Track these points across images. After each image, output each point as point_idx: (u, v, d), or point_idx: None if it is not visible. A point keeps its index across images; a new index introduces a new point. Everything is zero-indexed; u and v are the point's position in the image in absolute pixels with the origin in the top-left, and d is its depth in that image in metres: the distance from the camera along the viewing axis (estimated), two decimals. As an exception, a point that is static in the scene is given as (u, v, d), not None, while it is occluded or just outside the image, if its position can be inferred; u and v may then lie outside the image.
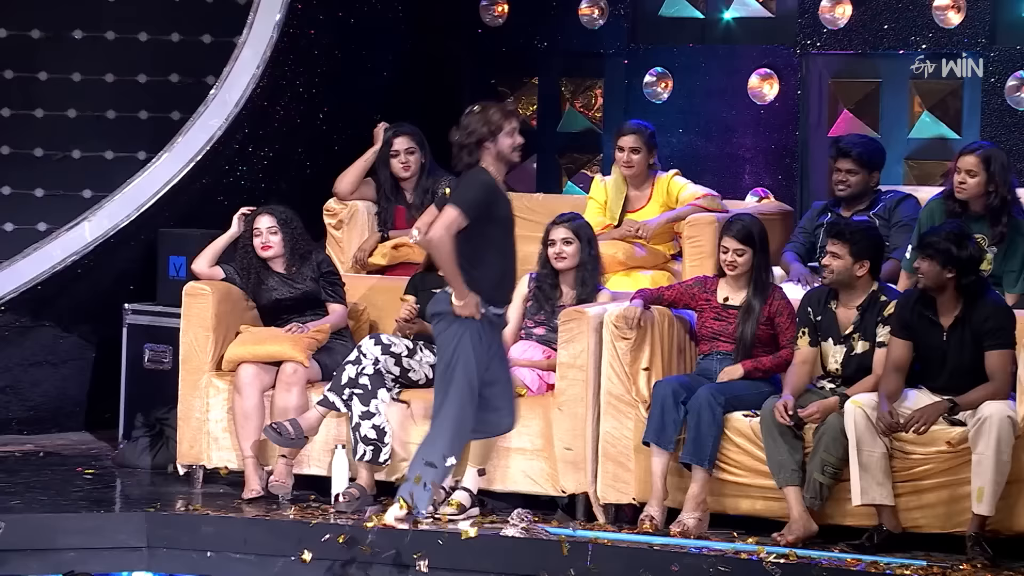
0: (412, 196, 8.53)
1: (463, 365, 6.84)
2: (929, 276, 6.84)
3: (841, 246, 7.03)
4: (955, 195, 7.46)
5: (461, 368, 6.83)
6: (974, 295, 6.86)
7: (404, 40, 9.46)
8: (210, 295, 7.87)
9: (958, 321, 6.88)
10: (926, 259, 6.84)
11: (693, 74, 9.22)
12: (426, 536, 6.97)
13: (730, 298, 7.31)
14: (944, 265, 6.81)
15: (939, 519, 6.84)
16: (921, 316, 6.92)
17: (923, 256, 6.85)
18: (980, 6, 8.65)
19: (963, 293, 6.85)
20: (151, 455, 8.24)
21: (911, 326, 6.93)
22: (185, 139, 8.82)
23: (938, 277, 6.83)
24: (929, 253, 6.83)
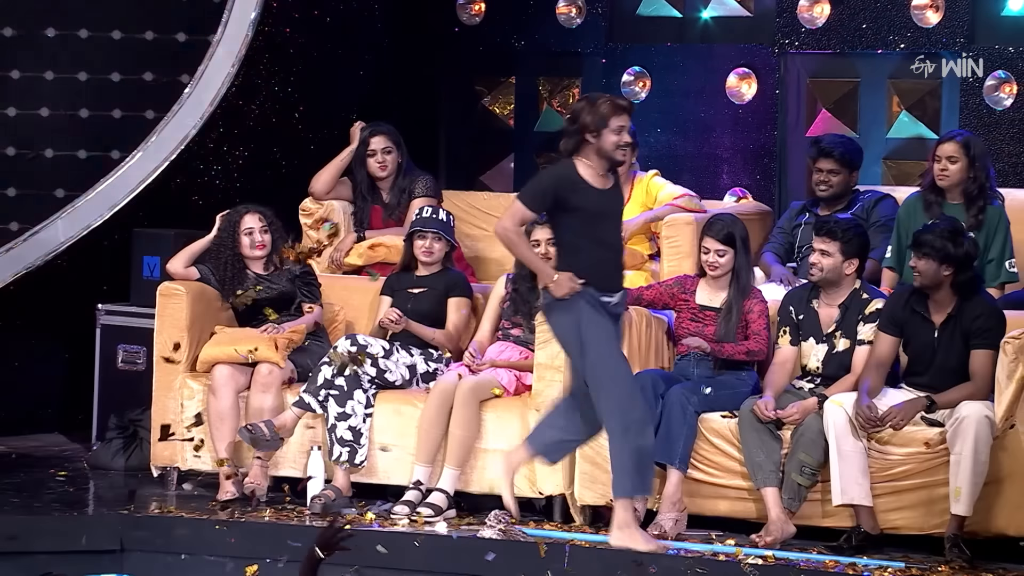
0: (388, 196, 8.49)
1: (593, 341, 6.52)
2: (926, 275, 6.84)
3: (831, 244, 7.03)
4: (936, 183, 7.48)
5: (592, 345, 6.52)
6: (968, 292, 6.87)
7: (381, 39, 9.43)
8: (184, 295, 7.82)
9: (950, 318, 6.89)
10: (923, 258, 6.84)
11: (671, 73, 9.20)
12: (402, 538, 6.93)
13: (710, 299, 7.28)
14: (941, 263, 6.82)
15: (917, 520, 6.83)
16: (914, 313, 6.92)
17: (919, 255, 6.85)
18: (959, 6, 8.64)
19: (958, 290, 6.85)
20: (125, 457, 8.20)
21: (902, 323, 6.93)
22: (159, 138, 8.78)
23: (935, 275, 6.83)
24: (926, 251, 6.83)
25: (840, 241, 7.04)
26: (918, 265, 6.86)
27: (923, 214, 7.57)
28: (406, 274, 7.83)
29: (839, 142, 8.00)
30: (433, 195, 8.45)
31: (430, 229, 7.76)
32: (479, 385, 7.44)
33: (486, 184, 9.66)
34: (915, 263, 6.88)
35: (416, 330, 7.64)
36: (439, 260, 7.79)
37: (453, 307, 7.74)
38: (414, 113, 9.47)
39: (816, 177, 7.95)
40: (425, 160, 8.97)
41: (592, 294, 6.55)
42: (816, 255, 7.07)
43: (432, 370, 7.67)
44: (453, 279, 7.80)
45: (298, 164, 8.89)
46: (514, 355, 7.57)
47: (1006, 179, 8.43)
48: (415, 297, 7.75)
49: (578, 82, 9.52)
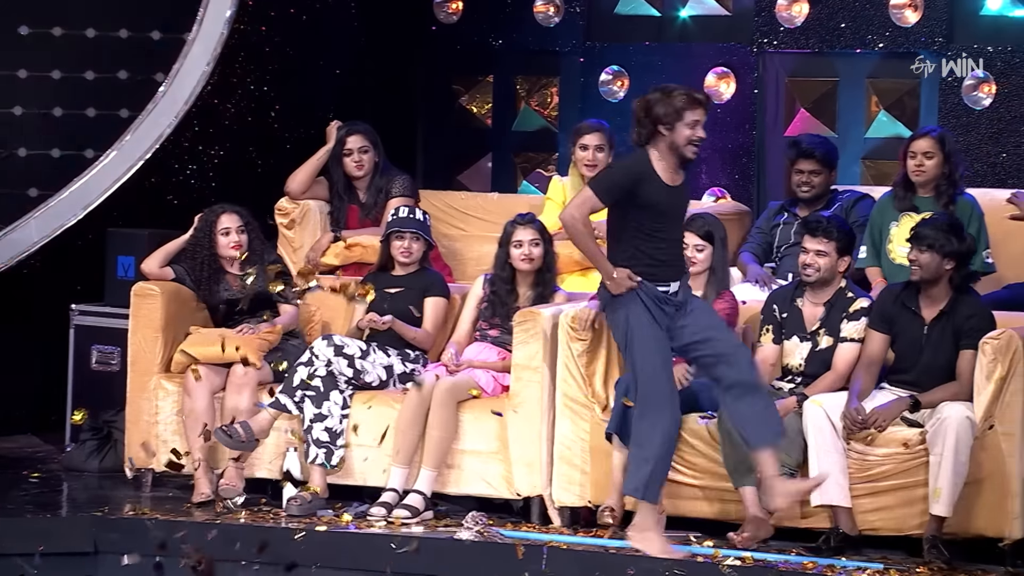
0: (365, 195, 8.46)
1: (637, 345, 6.51)
2: (928, 268, 6.84)
3: (828, 244, 7.05)
4: (912, 179, 7.51)
5: (636, 348, 6.51)
6: (963, 289, 6.88)
7: (357, 37, 9.40)
8: (159, 296, 7.79)
9: (942, 315, 6.89)
10: (926, 250, 6.83)
11: (649, 72, 9.18)
12: (379, 539, 6.90)
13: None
14: (944, 256, 6.82)
15: (896, 521, 6.82)
16: (904, 308, 6.92)
17: (921, 247, 6.84)
18: (937, 5, 8.65)
19: (954, 286, 6.86)
20: (99, 458, 8.15)
21: (891, 319, 6.92)
22: (134, 137, 8.73)
23: (938, 269, 6.84)
24: (929, 243, 6.83)
25: (836, 240, 7.06)
26: (919, 258, 6.85)
27: (894, 211, 7.59)
28: (383, 274, 7.80)
29: (818, 142, 8.01)
30: (410, 195, 8.42)
31: (408, 229, 7.73)
32: (456, 386, 7.41)
33: (463, 184, 9.64)
34: (916, 256, 6.86)
35: (399, 328, 7.61)
36: (417, 260, 7.77)
37: (430, 307, 7.71)
38: (391, 112, 9.44)
39: (797, 178, 7.93)
40: (402, 159, 8.94)
41: (648, 289, 6.52)
42: (811, 256, 7.06)
43: (409, 371, 7.64)
44: (431, 279, 7.77)
45: (274, 163, 8.85)
46: (492, 355, 7.54)
47: (984, 179, 8.44)
48: (392, 297, 7.72)
49: (556, 81, 9.50)
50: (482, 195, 8.97)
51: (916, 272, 6.88)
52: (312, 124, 8.78)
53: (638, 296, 6.51)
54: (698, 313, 6.65)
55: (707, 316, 6.69)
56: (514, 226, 7.61)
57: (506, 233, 7.62)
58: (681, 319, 6.61)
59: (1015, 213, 8.01)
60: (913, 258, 6.89)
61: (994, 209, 7.85)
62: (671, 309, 6.58)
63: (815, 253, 7.06)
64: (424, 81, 9.70)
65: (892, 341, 6.97)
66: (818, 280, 7.08)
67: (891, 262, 7.63)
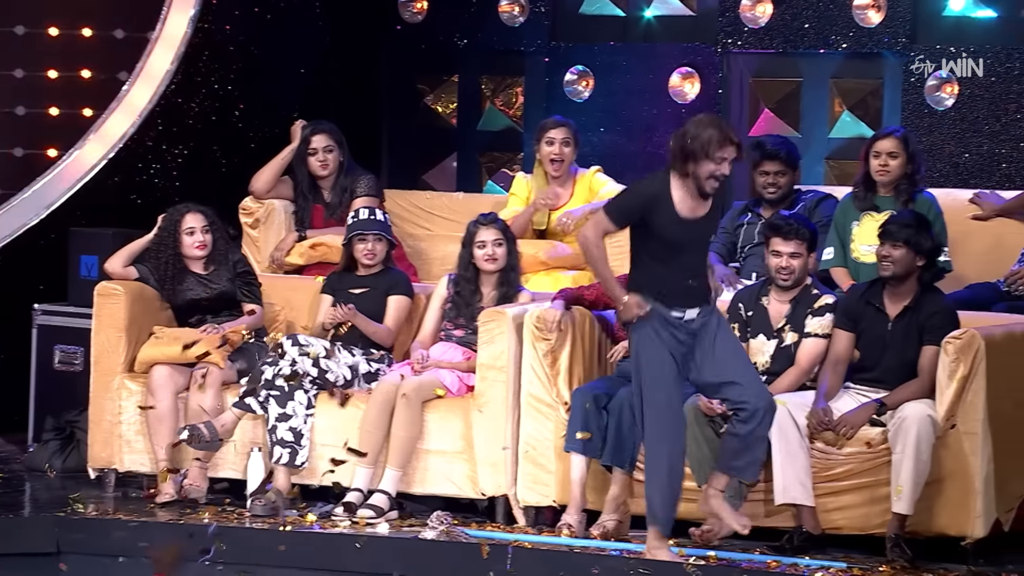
0: (330, 195, 8.45)
1: (643, 373, 6.42)
2: (901, 263, 6.86)
3: (800, 244, 7.07)
4: (875, 179, 7.55)
5: (643, 376, 6.43)
6: (929, 285, 6.93)
7: (322, 36, 9.38)
8: (123, 295, 7.75)
9: (906, 310, 6.92)
10: (901, 246, 6.85)
11: (614, 72, 9.20)
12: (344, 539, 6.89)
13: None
14: (917, 252, 6.85)
15: (859, 520, 6.85)
16: (868, 305, 6.95)
17: (894, 243, 6.86)
18: (900, 5, 8.69)
19: (922, 283, 6.89)
20: (62, 458, 8.11)
21: (856, 316, 6.95)
22: (97, 136, 8.72)
23: (910, 265, 6.87)
24: (904, 239, 6.85)
25: (807, 240, 7.09)
26: (893, 254, 6.87)
27: (855, 211, 7.62)
28: (347, 274, 7.79)
29: (781, 143, 8.03)
30: (375, 194, 8.41)
31: (371, 232, 7.71)
32: (422, 386, 7.40)
33: (428, 183, 9.63)
34: (889, 252, 6.88)
35: (361, 322, 7.60)
36: (381, 260, 7.76)
37: (392, 305, 7.71)
38: (356, 111, 9.42)
39: (763, 180, 7.95)
40: (367, 159, 8.93)
41: (661, 314, 6.41)
42: (785, 259, 7.06)
43: (374, 370, 7.63)
44: (394, 278, 7.77)
45: (238, 163, 8.83)
46: (457, 355, 7.54)
47: (947, 179, 8.48)
48: (356, 298, 7.71)
49: (521, 81, 9.50)
50: (447, 195, 8.97)
51: (888, 268, 6.90)
52: (276, 123, 8.77)
53: (648, 325, 6.42)
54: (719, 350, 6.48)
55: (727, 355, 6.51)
56: (477, 226, 7.61)
57: (469, 234, 7.62)
58: (699, 350, 6.48)
59: (977, 213, 8.06)
60: (886, 254, 6.90)
61: (957, 209, 7.89)
62: (684, 335, 6.46)
63: (789, 256, 7.07)
64: (389, 80, 9.69)
65: (857, 339, 7.00)
66: (794, 281, 7.10)
67: (855, 261, 7.66)
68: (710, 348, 6.50)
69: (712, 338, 6.51)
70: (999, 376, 6.77)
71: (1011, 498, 6.87)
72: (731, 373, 6.50)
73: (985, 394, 6.73)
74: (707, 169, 6.36)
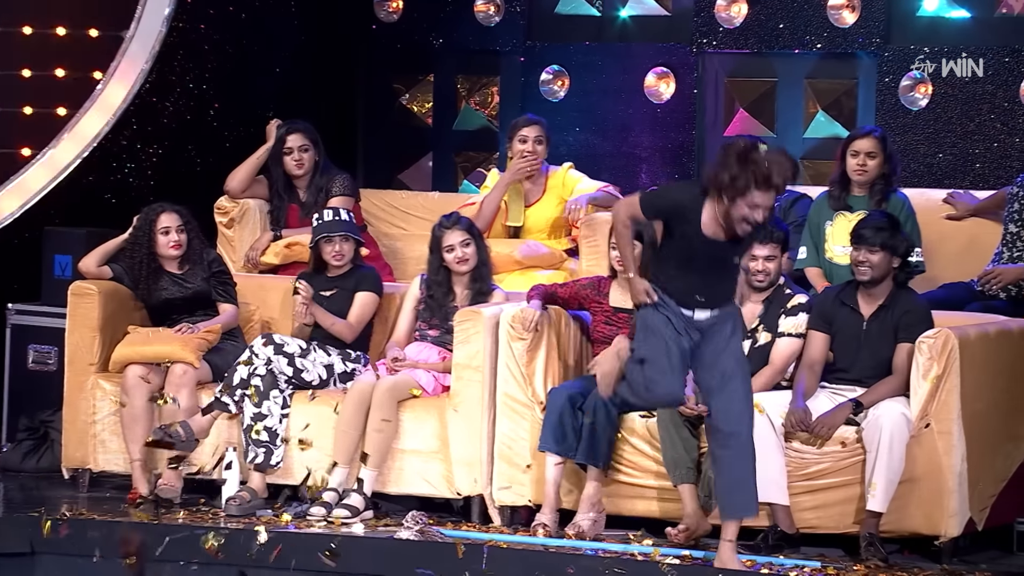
0: (305, 194, 8.44)
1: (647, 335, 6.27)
2: (879, 267, 6.89)
3: (775, 247, 7.09)
4: (852, 178, 7.58)
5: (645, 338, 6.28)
6: (903, 284, 6.96)
7: (297, 36, 9.37)
8: (97, 295, 7.74)
9: (881, 309, 6.95)
10: (878, 251, 6.88)
11: (590, 72, 9.21)
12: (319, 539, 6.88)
13: (623, 300, 7.28)
14: (893, 255, 6.89)
15: (833, 519, 6.86)
16: (843, 306, 6.97)
17: (871, 248, 6.88)
18: (875, 6, 8.71)
19: (897, 282, 6.92)
20: (35, 458, 8.09)
21: (831, 317, 6.97)
22: (71, 135, 8.68)
23: (887, 267, 6.90)
24: (879, 243, 6.87)
25: (781, 242, 7.12)
26: (871, 259, 6.89)
27: (829, 210, 7.65)
28: (317, 276, 7.77)
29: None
30: (350, 194, 8.41)
31: (337, 232, 7.69)
32: (397, 386, 7.40)
33: (404, 183, 9.63)
34: (866, 257, 6.90)
35: (319, 314, 7.58)
36: (349, 260, 7.74)
37: (357, 301, 7.68)
38: (331, 111, 9.42)
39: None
40: (342, 158, 8.92)
41: (669, 305, 6.29)
42: (761, 262, 7.07)
43: (350, 370, 7.62)
44: (362, 276, 7.76)
45: (213, 162, 8.81)
46: (433, 355, 7.54)
47: (920, 179, 8.51)
48: (327, 300, 7.70)
49: (497, 80, 9.50)
50: (423, 194, 8.97)
51: (866, 273, 6.92)
52: (252, 123, 8.75)
53: (656, 311, 6.32)
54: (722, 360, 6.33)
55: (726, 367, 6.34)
56: (442, 230, 7.60)
57: (435, 239, 7.60)
58: (707, 346, 6.36)
59: (951, 213, 8.08)
60: (863, 259, 6.92)
61: (931, 209, 7.92)
62: (691, 328, 6.33)
63: (765, 259, 7.09)
64: (364, 80, 9.68)
65: (832, 339, 7.02)
66: (770, 283, 7.12)
67: (828, 261, 7.68)
68: (714, 350, 6.35)
69: (721, 341, 6.34)
70: (973, 376, 6.80)
71: (984, 497, 6.89)
72: (722, 386, 6.39)
73: (959, 393, 6.75)
74: (740, 212, 6.05)
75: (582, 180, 8.30)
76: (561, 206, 8.28)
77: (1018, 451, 7.06)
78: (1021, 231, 7.76)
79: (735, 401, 6.38)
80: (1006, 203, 7.86)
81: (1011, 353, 7.06)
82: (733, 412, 6.38)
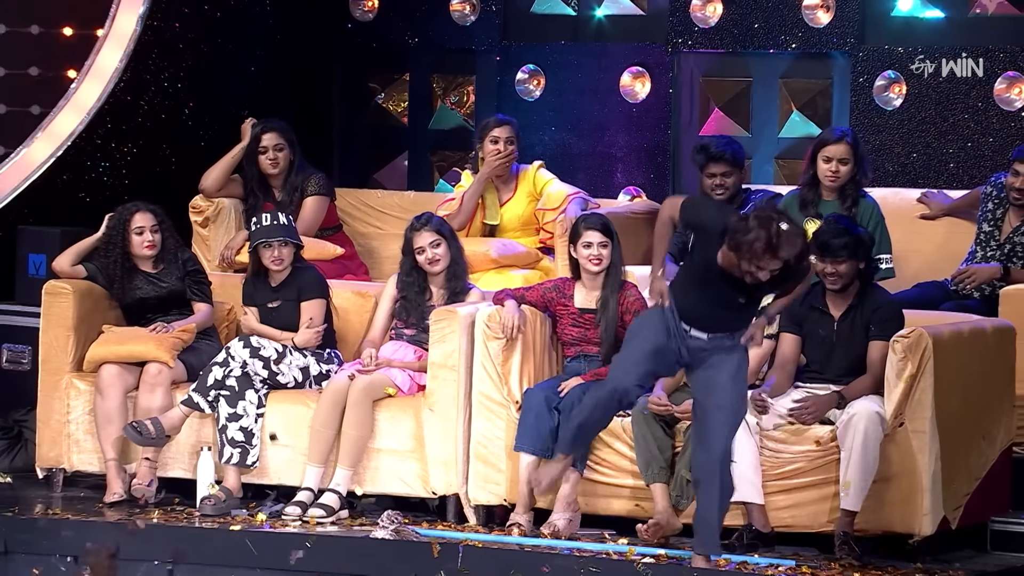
0: (280, 194, 8.43)
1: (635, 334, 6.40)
2: (848, 275, 6.92)
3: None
4: (824, 183, 7.59)
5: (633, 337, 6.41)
6: (868, 280, 6.97)
7: (272, 34, 9.36)
8: (71, 294, 7.72)
9: (850, 309, 6.97)
10: (845, 260, 6.89)
11: (565, 71, 9.21)
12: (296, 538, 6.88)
13: (587, 301, 7.28)
14: (859, 260, 6.91)
15: (808, 518, 6.88)
16: (812, 309, 6.99)
17: (836, 260, 6.88)
18: (849, 6, 8.73)
19: (863, 280, 6.94)
20: (9, 458, 8.08)
21: (800, 320, 6.99)
22: (45, 134, 8.66)
23: (854, 272, 6.93)
24: (848, 253, 6.88)
25: None
26: (839, 270, 6.91)
27: (798, 213, 7.66)
28: (260, 283, 7.69)
29: (725, 143, 8.03)
30: (326, 193, 8.40)
31: (275, 238, 7.64)
32: (372, 385, 7.39)
33: (379, 182, 9.62)
34: (834, 268, 6.91)
35: (268, 333, 7.53)
36: (289, 264, 7.68)
37: (305, 311, 7.60)
38: (306, 110, 9.41)
39: (710, 182, 7.95)
40: (318, 157, 8.91)
41: (673, 314, 6.35)
42: None
43: (325, 371, 7.61)
44: (304, 282, 7.65)
45: (188, 161, 8.80)
46: (408, 354, 7.53)
47: (895, 179, 8.53)
48: (274, 312, 7.64)
49: (472, 79, 9.50)
50: (398, 193, 8.96)
51: (836, 283, 6.94)
52: (227, 122, 8.74)
53: (660, 314, 6.38)
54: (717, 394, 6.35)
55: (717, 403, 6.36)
56: (412, 232, 7.58)
57: (407, 241, 7.59)
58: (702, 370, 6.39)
59: (925, 213, 8.11)
60: (832, 271, 6.93)
61: (905, 209, 7.94)
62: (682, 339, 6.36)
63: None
64: (340, 79, 9.67)
65: (803, 343, 7.03)
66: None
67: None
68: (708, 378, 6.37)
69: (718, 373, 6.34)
70: (947, 375, 6.82)
71: (958, 496, 6.92)
72: (707, 419, 6.40)
73: (933, 392, 6.77)
74: (745, 268, 6.18)
75: (553, 181, 8.29)
76: (532, 204, 8.30)
77: (992, 450, 7.09)
78: (994, 231, 7.80)
79: (707, 448, 6.38)
80: (979, 203, 7.90)
81: (984, 352, 7.08)
82: (706, 455, 6.40)
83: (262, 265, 7.66)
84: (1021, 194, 7.71)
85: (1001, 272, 7.68)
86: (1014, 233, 7.76)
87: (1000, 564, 6.91)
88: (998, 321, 7.27)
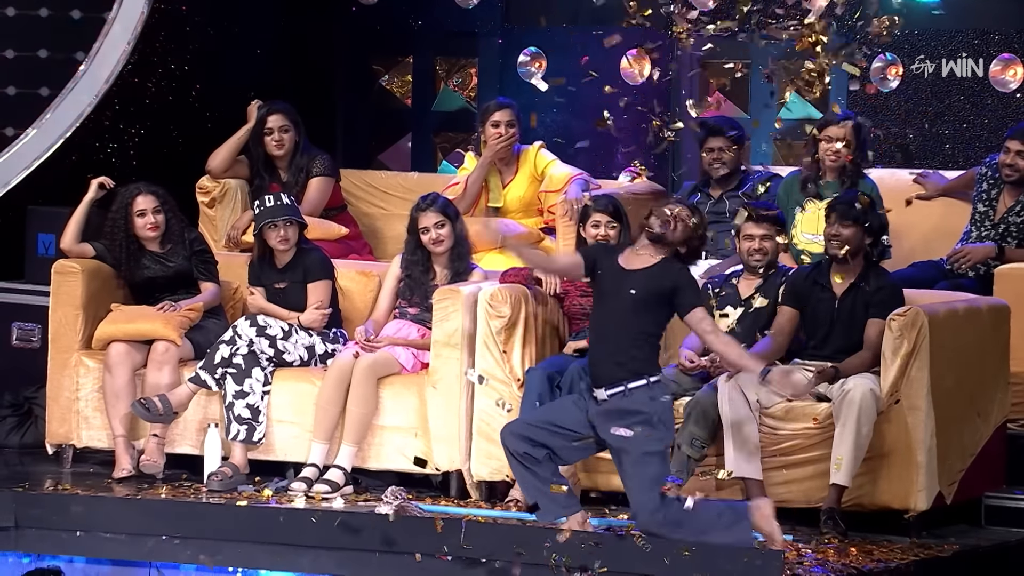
0: (286, 174, 8.49)
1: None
2: (852, 242, 6.94)
3: (772, 227, 7.16)
4: (826, 164, 7.65)
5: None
6: (875, 262, 7.03)
7: (278, 17, 9.40)
8: (80, 273, 7.78)
9: (852, 287, 7.01)
10: (851, 225, 6.93)
11: (567, 54, 9.24)
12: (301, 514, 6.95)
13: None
14: (866, 232, 6.95)
15: (804, 493, 6.93)
16: (815, 284, 7.04)
17: (844, 223, 6.93)
18: (846, -8, 8.75)
19: (868, 260, 6.99)
20: (19, 434, 8.14)
21: (802, 295, 7.04)
22: (54, 116, 8.70)
23: (860, 243, 6.96)
24: (854, 217, 6.92)
25: (776, 223, 7.18)
26: (843, 234, 6.95)
27: (799, 193, 7.73)
28: (267, 266, 7.76)
29: (724, 120, 8.14)
30: (330, 174, 8.46)
31: (281, 217, 7.71)
32: (376, 363, 7.47)
33: (383, 163, 9.68)
34: (839, 231, 6.95)
35: (274, 311, 7.62)
36: (295, 243, 7.75)
37: (312, 293, 7.67)
38: (311, 92, 9.45)
39: (708, 157, 8.05)
40: (322, 139, 8.96)
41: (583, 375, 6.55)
42: (758, 241, 7.15)
43: (331, 350, 7.68)
44: (310, 263, 7.70)
45: (195, 142, 8.84)
46: (412, 332, 7.61)
47: (891, 160, 8.58)
48: (281, 292, 7.71)
49: (475, 62, 9.54)
50: (402, 174, 9.01)
51: (838, 247, 6.98)
52: (233, 103, 8.77)
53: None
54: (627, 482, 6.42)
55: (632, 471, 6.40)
56: (417, 212, 7.64)
57: (412, 220, 7.64)
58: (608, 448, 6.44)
59: (921, 193, 8.18)
60: (836, 233, 6.98)
61: (901, 190, 7.99)
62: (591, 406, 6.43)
63: (761, 238, 7.17)
64: (344, 61, 9.71)
65: (804, 317, 7.09)
66: (767, 263, 7.20)
67: (794, 247, 7.74)
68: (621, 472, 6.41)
69: (627, 479, 6.39)
70: (942, 352, 6.87)
71: (953, 471, 6.98)
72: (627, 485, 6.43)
73: (928, 370, 6.82)
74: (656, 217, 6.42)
75: (555, 163, 8.34)
76: (534, 185, 8.35)
77: (986, 426, 7.15)
78: (989, 211, 7.86)
79: (636, 501, 6.41)
80: (975, 183, 7.96)
81: (979, 330, 7.14)
82: (636, 509, 6.43)
83: (268, 247, 7.73)
84: (1012, 170, 7.77)
85: (996, 252, 7.74)
86: (1008, 213, 7.82)
87: (994, 539, 6.97)
88: (993, 300, 7.33)
